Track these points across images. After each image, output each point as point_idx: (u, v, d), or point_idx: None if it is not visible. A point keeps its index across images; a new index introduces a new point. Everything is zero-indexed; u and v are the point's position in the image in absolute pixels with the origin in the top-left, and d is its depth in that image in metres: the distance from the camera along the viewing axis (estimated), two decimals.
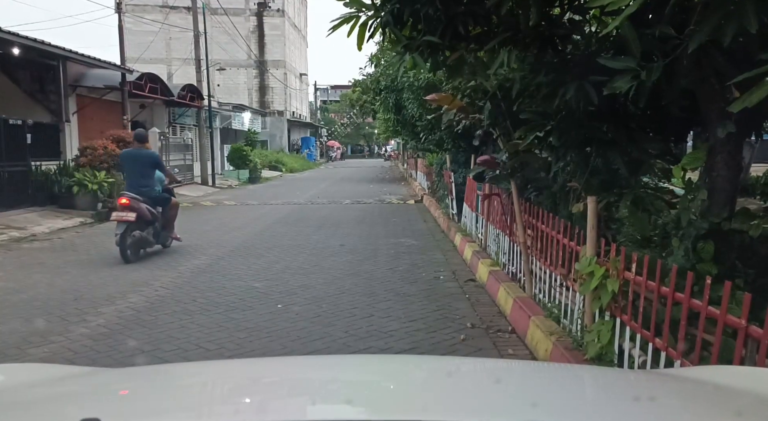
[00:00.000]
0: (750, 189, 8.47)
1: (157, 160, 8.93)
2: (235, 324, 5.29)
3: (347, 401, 1.39)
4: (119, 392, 1.58)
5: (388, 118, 16.42)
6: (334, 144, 63.97)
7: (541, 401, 1.37)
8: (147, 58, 31.45)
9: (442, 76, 6.79)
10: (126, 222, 8.08)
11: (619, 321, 3.55)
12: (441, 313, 5.60)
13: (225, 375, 1.76)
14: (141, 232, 8.35)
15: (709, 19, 2.53)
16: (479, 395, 1.43)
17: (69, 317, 5.59)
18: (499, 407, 1.33)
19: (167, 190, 9.22)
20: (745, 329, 2.43)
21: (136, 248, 8.34)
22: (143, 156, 8.68)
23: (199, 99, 22.70)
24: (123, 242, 8.05)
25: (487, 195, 7.48)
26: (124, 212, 8.15)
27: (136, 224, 8.23)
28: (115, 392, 1.55)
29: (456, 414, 1.20)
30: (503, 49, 3.91)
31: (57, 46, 13.76)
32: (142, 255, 8.50)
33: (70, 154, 14.64)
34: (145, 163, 8.64)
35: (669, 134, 4.55)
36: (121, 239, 8.05)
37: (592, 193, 4.14)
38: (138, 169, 8.62)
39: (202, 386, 1.63)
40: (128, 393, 1.53)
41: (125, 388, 1.60)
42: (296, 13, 47.81)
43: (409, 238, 10.30)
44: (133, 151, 8.81)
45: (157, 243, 8.88)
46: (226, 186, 23.66)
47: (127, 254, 8.09)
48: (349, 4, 3.80)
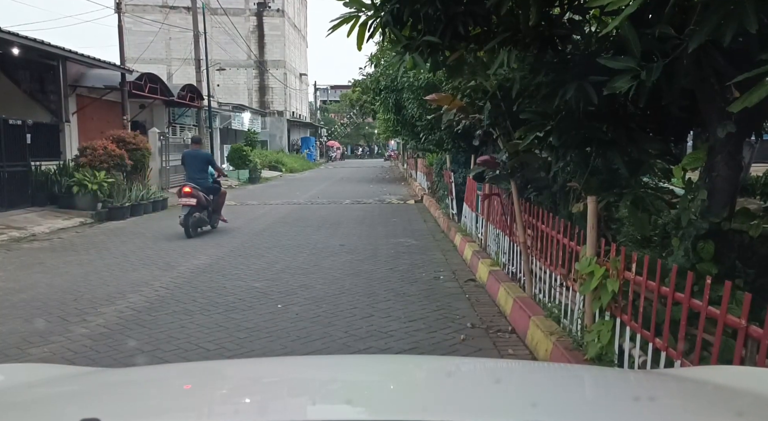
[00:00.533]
0: (750, 189, 8.47)
1: (210, 158, 11.45)
2: (235, 324, 5.29)
3: (347, 402, 1.39)
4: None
5: (388, 118, 16.42)
6: (333, 144, 63.94)
7: (541, 401, 1.37)
8: (147, 58, 31.48)
9: (442, 76, 6.80)
10: (189, 206, 10.17)
11: (619, 321, 3.55)
12: (441, 313, 5.60)
13: (225, 375, 1.76)
14: (199, 214, 10.40)
15: (709, 19, 2.52)
16: (479, 395, 1.43)
17: (69, 317, 5.59)
18: (499, 407, 1.33)
19: (216, 182, 11.24)
20: (745, 329, 2.43)
21: (195, 227, 10.41)
22: (200, 155, 11.14)
23: (198, 99, 22.70)
24: (186, 222, 10.19)
25: (487, 195, 7.48)
26: (187, 198, 10.17)
27: (196, 208, 10.26)
28: (115, 392, 1.54)
29: (456, 414, 1.20)
30: (503, 49, 3.91)
31: (57, 46, 13.76)
32: (198, 233, 10.61)
33: (70, 155, 14.64)
34: (201, 160, 10.93)
35: (669, 134, 4.55)
36: (185, 219, 10.18)
37: (592, 193, 4.14)
38: (196, 165, 10.80)
39: (202, 386, 1.63)
40: (128, 393, 1.53)
41: (128, 389, 1.59)
42: (296, 13, 47.81)
43: (409, 238, 10.30)
44: (192, 151, 11.18)
45: (209, 224, 10.96)
46: (226, 186, 23.62)
47: (189, 231, 10.23)
48: (349, 4, 3.80)
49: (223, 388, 1.62)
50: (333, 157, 60.32)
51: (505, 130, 5.52)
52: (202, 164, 10.90)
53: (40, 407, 1.37)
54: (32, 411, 1.32)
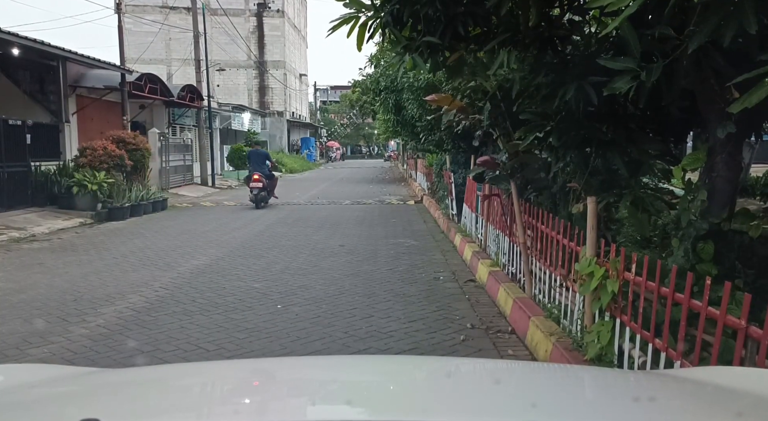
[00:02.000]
0: (750, 189, 8.48)
1: (267, 155, 16.42)
2: (235, 325, 5.29)
3: (347, 402, 1.39)
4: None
5: (387, 118, 16.45)
6: (333, 144, 63.93)
7: (540, 401, 1.37)
8: (147, 58, 31.48)
9: (442, 77, 6.80)
10: (258, 188, 15.25)
11: (619, 322, 3.55)
12: (441, 313, 5.60)
13: (224, 375, 1.76)
14: (263, 192, 15.39)
15: (708, 19, 2.53)
16: (479, 396, 1.43)
17: (69, 317, 5.59)
18: (499, 407, 1.33)
19: (271, 172, 16.13)
20: (745, 329, 2.43)
21: (260, 201, 15.33)
22: (260, 153, 16.25)
23: (198, 99, 22.69)
24: (256, 197, 15.32)
25: (487, 195, 7.48)
26: (256, 183, 15.25)
27: (261, 189, 15.29)
28: (115, 392, 1.54)
29: (455, 415, 1.20)
30: (503, 50, 3.91)
31: (57, 47, 13.75)
32: (262, 206, 15.37)
33: (70, 155, 14.63)
34: (262, 157, 15.84)
35: (669, 135, 4.55)
36: (255, 196, 15.32)
37: (591, 194, 4.14)
38: (258, 160, 15.62)
39: (202, 386, 1.63)
40: (128, 393, 1.53)
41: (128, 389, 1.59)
42: (296, 14, 47.81)
43: (408, 238, 10.30)
44: (255, 150, 16.52)
45: (269, 198, 15.87)
46: (226, 186, 23.66)
47: (259, 204, 15.29)
48: (349, 5, 3.81)
49: (223, 388, 1.62)
50: (333, 157, 60.32)
51: (505, 131, 5.53)
52: (263, 159, 15.67)
53: (40, 407, 1.37)
54: (32, 411, 1.32)
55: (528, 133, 4.52)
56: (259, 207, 15.21)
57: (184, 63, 32.88)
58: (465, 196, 10.03)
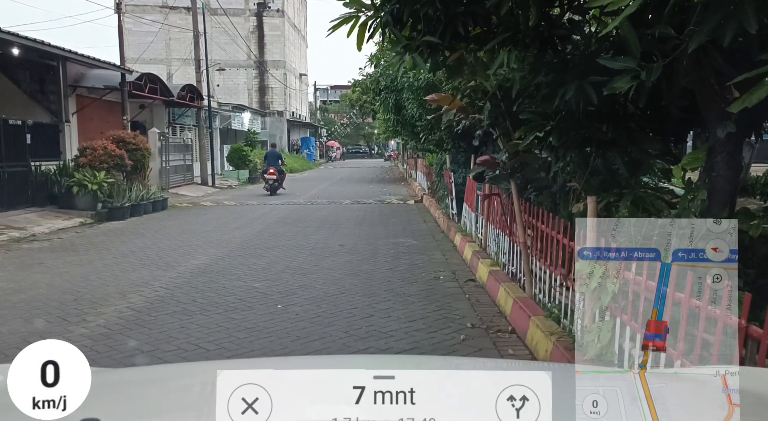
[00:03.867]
0: (750, 189, 8.47)
1: (281, 155, 21.24)
2: (235, 324, 5.29)
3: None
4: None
5: (387, 118, 16.44)
6: (333, 144, 63.92)
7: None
8: (147, 58, 31.46)
9: (442, 77, 6.80)
10: (272, 179, 19.28)
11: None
12: (441, 313, 5.60)
13: None
14: (276, 183, 19.41)
15: (708, 19, 2.53)
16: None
17: (69, 317, 5.59)
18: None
19: (282, 167, 20.39)
20: (745, 329, 2.43)
21: (273, 190, 19.25)
22: (275, 152, 20.60)
23: (198, 99, 22.69)
24: (271, 186, 19.28)
25: (487, 195, 7.48)
26: (271, 175, 19.29)
27: (275, 180, 19.36)
28: (115, 392, 1.54)
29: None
30: (503, 50, 3.91)
31: (57, 47, 13.75)
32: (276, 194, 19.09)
33: (70, 155, 14.63)
34: (276, 156, 20.14)
35: (669, 134, 4.55)
36: (270, 185, 19.27)
37: (592, 194, 4.13)
38: (273, 158, 19.81)
39: (202, 386, 1.63)
40: (128, 393, 1.53)
41: (128, 389, 1.59)
42: (296, 14, 47.80)
43: (408, 238, 10.30)
44: (271, 151, 20.87)
45: (279, 188, 19.78)
46: (226, 186, 23.65)
47: (273, 192, 19.15)
48: (349, 4, 3.81)
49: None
50: (333, 157, 60.30)
51: (505, 131, 5.53)
52: (277, 158, 20.03)
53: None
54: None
55: (528, 132, 4.52)
56: (273, 194, 19.23)
57: (184, 63, 32.86)
58: (465, 195, 10.02)
